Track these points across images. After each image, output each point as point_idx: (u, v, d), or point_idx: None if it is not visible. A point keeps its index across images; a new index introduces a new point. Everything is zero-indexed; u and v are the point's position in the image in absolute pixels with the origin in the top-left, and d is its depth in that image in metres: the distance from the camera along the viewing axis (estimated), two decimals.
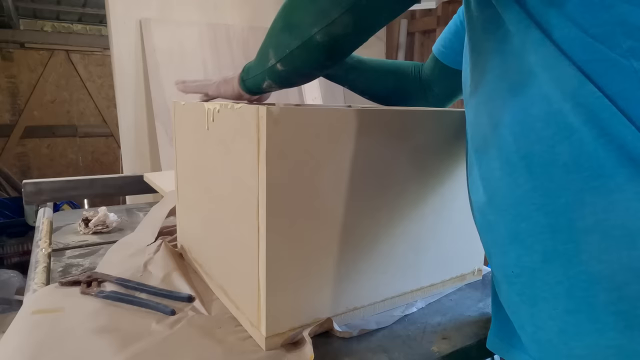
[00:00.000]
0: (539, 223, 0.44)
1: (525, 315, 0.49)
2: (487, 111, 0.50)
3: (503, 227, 0.49)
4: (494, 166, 0.49)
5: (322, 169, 0.56)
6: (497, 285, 0.55)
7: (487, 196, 0.51)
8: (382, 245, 0.65)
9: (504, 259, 0.50)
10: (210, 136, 0.67)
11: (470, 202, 0.59)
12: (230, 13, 2.58)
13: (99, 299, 0.68)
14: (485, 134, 0.50)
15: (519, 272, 0.48)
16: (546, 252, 0.44)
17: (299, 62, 0.54)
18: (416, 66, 0.88)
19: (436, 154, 0.67)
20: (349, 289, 0.63)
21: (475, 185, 0.55)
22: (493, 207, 0.50)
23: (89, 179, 1.26)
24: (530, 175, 0.45)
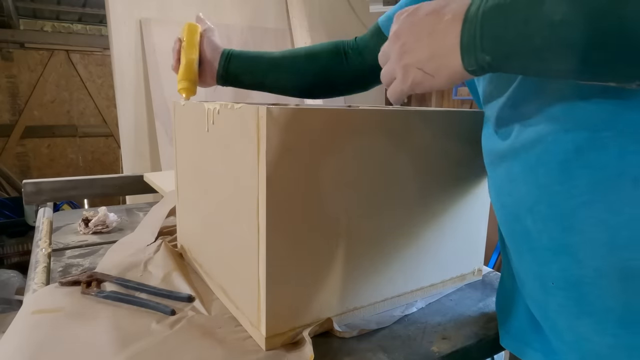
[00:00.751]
0: (595, 238, 0.42)
1: (565, 325, 0.47)
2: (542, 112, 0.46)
3: (547, 237, 0.46)
4: (540, 172, 0.46)
5: (322, 169, 0.56)
6: (526, 289, 0.53)
7: (529, 201, 0.48)
8: (382, 245, 0.65)
9: (543, 268, 0.48)
10: (210, 136, 0.67)
11: (498, 201, 0.55)
12: (230, 13, 2.58)
13: (99, 299, 0.68)
14: (538, 133, 0.47)
15: (563, 285, 0.46)
16: (601, 268, 0.42)
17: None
18: (338, 44, 0.83)
19: (436, 154, 0.67)
20: (349, 289, 0.63)
21: (508, 186, 0.51)
22: (536, 215, 0.47)
23: (89, 179, 1.26)
24: (590, 187, 0.42)
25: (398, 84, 0.48)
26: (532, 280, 0.51)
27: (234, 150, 0.59)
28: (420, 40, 0.44)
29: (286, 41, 2.74)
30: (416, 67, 0.45)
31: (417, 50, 0.44)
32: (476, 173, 0.74)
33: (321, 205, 0.57)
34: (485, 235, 0.80)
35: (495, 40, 0.39)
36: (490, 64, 0.41)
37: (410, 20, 0.45)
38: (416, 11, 0.45)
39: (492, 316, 0.68)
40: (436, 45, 0.43)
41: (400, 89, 0.48)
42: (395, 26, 0.47)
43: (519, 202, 0.50)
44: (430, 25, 0.43)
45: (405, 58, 0.46)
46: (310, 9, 2.85)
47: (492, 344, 0.63)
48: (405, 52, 0.45)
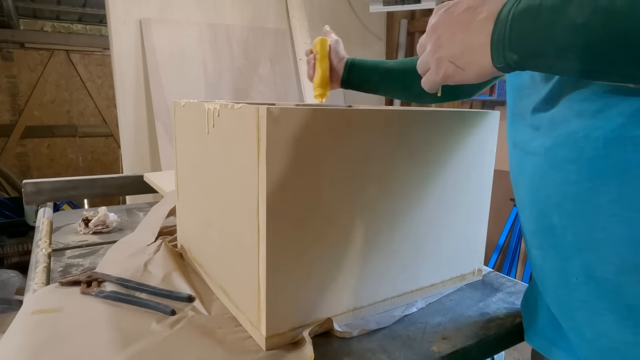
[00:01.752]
0: (619, 235, 0.43)
1: (585, 321, 0.48)
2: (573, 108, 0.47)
3: (572, 233, 0.47)
4: (570, 168, 0.47)
5: (322, 169, 0.56)
6: (546, 286, 0.54)
7: (557, 197, 0.49)
8: (382, 245, 0.65)
9: (566, 264, 0.49)
10: (210, 136, 0.67)
11: (528, 197, 0.56)
12: (230, 13, 2.58)
13: (99, 299, 0.68)
14: (569, 129, 0.47)
15: (586, 280, 0.47)
16: (624, 265, 0.43)
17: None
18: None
19: (436, 154, 0.67)
20: (349, 289, 0.63)
21: (538, 182, 0.52)
22: (562, 211, 0.48)
23: (89, 179, 1.26)
24: (618, 186, 0.43)
25: (431, 74, 0.51)
26: (556, 276, 0.51)
27: (234, 150, 0.59)
28: (454, 35, 0.47)
29: (286, 41, 2.75)
30: (449, 60, 0.48)
31: (451, 44, 0.47)
32: (476, 173, 0.74)
33: (321, 205, 0.57)
34: (485, 235, 0.80)
35: (523, 41, 0.41)
36: (517, 62, 0.43)
37: (448, 15, 0.48)
38: (454, 7, 0.47)
39: (492, 316, 0.68)
40: (469, 41, 0.46)
41: (433, 79, 0.51)
42: (434, 19, 0.50)
43: (547, 198, 0.51)
44: (465, 21, 0.46)
45: (439, 51, 0.48)
46: (310, 9, 2.85)
47: (492, 344, 0.63)
48: (440, 45, 0.48)
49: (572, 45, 0.38)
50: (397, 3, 2.65)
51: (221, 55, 2.51)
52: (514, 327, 0.65)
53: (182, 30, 2.40)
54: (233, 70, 2.54)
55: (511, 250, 2.61)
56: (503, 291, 0.76)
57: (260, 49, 2.65)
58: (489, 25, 0.44)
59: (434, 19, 0.50)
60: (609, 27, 0.36)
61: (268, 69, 2.67)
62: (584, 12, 0.37)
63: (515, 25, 0.42)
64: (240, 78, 2.57)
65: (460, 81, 0.48)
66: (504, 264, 2.62)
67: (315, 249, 0.58)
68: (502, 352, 0.71)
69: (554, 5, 0.39)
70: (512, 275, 2.48)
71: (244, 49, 2.59)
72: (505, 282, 0.80)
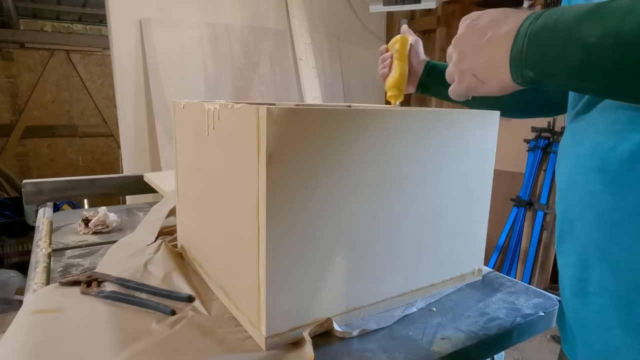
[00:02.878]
0: (634, 252, 0.43)
1: (597, 334, 0.48)
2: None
3: (592, 243, 0.47)
4: (594, 178, 0.46)
5: (321, 169, 0.56)
6: (565, 293, 0.53)
7: (580, 206, 0.48)
8: (382, 245, 0.65)
9: (584, 273, 0.48)
10: (210, 136, 0.67)
11: (560, 202, 0.55)
12: (230, 13, 2.58)
13: (99, 299, 0.68)
14: (598, 140, 0.46)
15: (601, 292, 0.46)
16: (637, 283, 0.43)
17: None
18: None
19: (436, 154, 0.67)
20: (349, 289, 0.63)
21: (566, 189, 0.52)
22: (585, 220, 0.48)
23: (89, 179, 1.26)
24: (637, 200, 0.43)
25: (456, 85, 0.52)
26: (574, 284, 0.51)
27: (234, 150, 0.59)
28: (477, 48, 0.47)
29: (286, 41, 2.75)
30: (471, 73, 0.49)
31: (473, 57, 0.48)
32: (476, 173, 0.74)
33: (321, 205, 0.57)
34: (485, 235, 0.80)
35: (538, 58, 0.42)
36: (533, 79, 0.43)
37: (471, 27, 0.48)
38: (478, 19, 0.48)
39: (492, 316, 0.68)
40: (490, 55, 0.46)
41: (458, 90, 0.52)
42: (460, 30, 0.50)
43: (573, 204, 0.50)
44: (487, 35, 0.46)
45: (462, 63, 0.49)
46: (310, 9, 2.85)
47: (492, 344, 0.63)
48: (463, 58, 0.49)
49: (584, 65, 0.39)
50: (397, 3, 2.65)
51: (221, 55, 2.51)
52: (514, 327, 0.65)
53: (182, 30, 2.40)
54: (233, 70, 2.54)
55: (511, 250, 2.61)
56: (503, 291, 0.76)
57: (260, 49, 2.65)
58: (509, 40, 0.44)
59: (459, 29, 0.50)
60: (618, 50, 0.36)
61: (268, 69, 2.67)
62: (595, 33, 0.37)
63: (532, 42, 0.42)
64: (240, 78, 2.57)
65: (484, 93, 0.49)
66: (504, 264, 2.63)
67: (315, 249, 0.58)
68: (502, 352, 0.71)
69: (568, 24, 0.39)
70: (512, 275, 2.48)
71: (244, 49, 2.59)
72: (505, 282, 0.80)
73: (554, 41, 0.40)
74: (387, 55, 0.89)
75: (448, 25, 3.12)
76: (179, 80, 2.37)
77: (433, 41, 3.19)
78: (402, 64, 0.87)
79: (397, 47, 0.87)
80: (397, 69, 0.86)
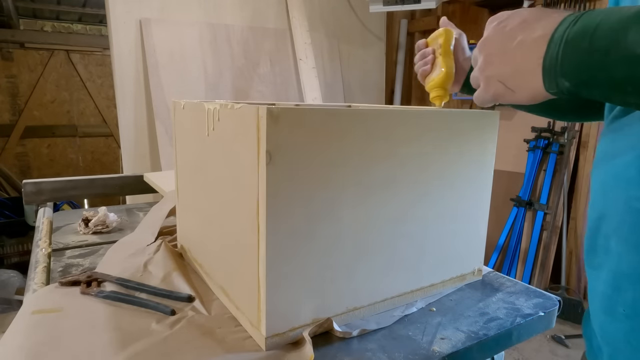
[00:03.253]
0: None
1: (626, 353, 0.45)
2: None
3: (626, 262, 0.43)
4: (635, 194, 0.42)
5: (322, 169, 0.56)
6: (594, 307, 0.50)
7: (615, 220, 0.44)
8: (382, 245, 0.65)
9: (616, 292, 0.45)
10: (210, 136, 0.67)
11: (592, 212, 0.50)
12: (230, 13, 2.58)
13: (99, 299, 0.68)
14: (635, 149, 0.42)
15: (633, 314, 0.43)
16: None
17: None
18: None
19: (436, 154, 0.67)
20: (349, 289, 0.63)
21: (600, 198, 0.48)
22: (620, 235, 0.44)
23: (89, 179, 1.26)
24: None
25: (481, 92, 0.48)
26: (605, 300, 0.48)
27: (234, 150, 0.59)
28: (505, 53, 0.43)
29: (286, 41, 2.75)
30: (498, 79, 0.45)
31: (501, 63, 0.44)
32: (476, 173, 0.74)
33: (321, 205, 0.57)
34: (485, 235, 0.80)
35: (575, 67, 0.38)
36: (570, 89, 0.39)
37: (500, 30, 0.44)
38: (507, 20, 0.43)
39: (492, 316, 0.68)
40: (520, 61, 0.42)
41: (483, 97, 0.48)
42: (486, 33, 0.46)
43: (608, 218, 0.46)
44: (517, 39, 0.42)
45: (488, 69, 0.45)
46: (310, 9, 2.85)
47: (492, 344, 0.63)
48: (490, 63, 0.45)
49: (630, 77, 0.34)
50: (397, 3, 2.65)
51: (221, 55, 2.51)
52: (514, 327, 0.65)
53: (182, 30, 2.40)
54: (233, 70, 2.54)
55: (511, 250, 2.61)
56: (503, 291, 0.76)
57: (260, 49, 2.65)
58: (542, 46, 0.40)
59: (486, 32, 0.46)
60: None
61: (268, 69, 2.67)
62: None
63: (568, 49, 0.38)
64: (240, 78, 2.57)
65: (512, 102, 0.45)
66: (504, 264, 2.63)
67: (315, 249, 0.58)
68: (502, 352, 0.71)
69: (612, 29, 0.35)
70: (512, 275, 2.48)
71: (244, 49, 2.59)
72: (505, 282, 0.80)
73: (595, 48, 0.36)
74: (429, 50, 0.79)
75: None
76: (179, 80, 2.37)
77: None
78: (448, 60, 0.77)
79: (441, 41, 0.78)
80: (444, 66, 0.77)
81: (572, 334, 2.18)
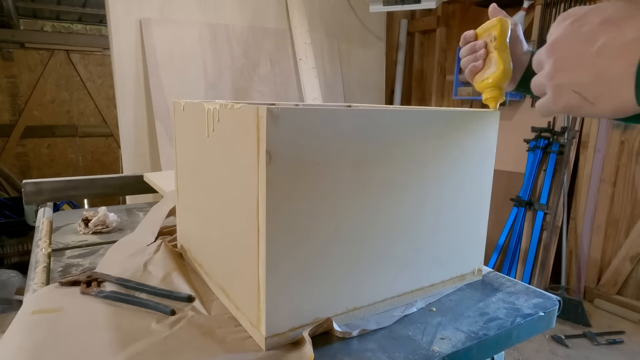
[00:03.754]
0: None
1: None
2: None
3: None
4: None
5: (321, 169, 0.56)
6: None
7: None
8: (382, 245, 0.65)
9: None
10: (210, 136, 0.67)
11: None
12: (230, 13, 2.58)
13: (98, 299, 0.68)
14: None
15: None
16: None
17: None
18: None
19: (436, 154, 0.67)
20: (349, 289, 0.63)
21: None
22: None
23: (89, 179, 1.26)
24: None
25: (548, 102, 0.41)
26: None
27: (234, 150, 0.59)
28: (583, 57, 0.37)
29: (286, 41, 2.75)
30: (573, 89, 0.38)
31: (578, 69, 0.37)
32: (476, 173, 0.74)
33: (321, 205, 0.57)
34: (485, 235, 0.80)
35: None
36: None
37: (575, 29, 0.37)
38: (585, 18, 0.37)
39: (492, 316, 0.68)
40: (603, 67, 0.36)
41: (550, 108, 0.41)
42: (556, 33, 0.39)
43: None
44: (600, 41, 0.36)
45: (560, 76, 0.39)
46: (310, 9, 2.85)
47: (492, 344, 0.63)
48: (562, 69, 0.38)
49: None
50: (397, 3, 2.65)
51: (221, 55, 2.51)
52: (514, 327, 0.65)
53: (182, 30, 2.40)
54: (233, 70, 2.54)
55: (511, 250, 2.61)
56: (503, 291, 0.76)
57: (260, 48, 2.65)
58: (635, 50, 0.33)
59: (555, 32, 0.39)
60: None
61: (268, 69, 2.67)
62: None
63: None
64: (240, 78, 2.57)
65: (589, 115, 0.38)
66: (504, 264, 2.63)
67: (315, 249, 0.58)
68: (502, 352, 0.71)
69: None
70: (512, 275, 2.48)
71: (244, 49, 2.59)
72: (505, 282, 0.80)
73: None
74: (480, 44, 0.69)
75: (448, 25, 3.12)
76: (179, 80, 2.37)
77: (433, 41, 3.20)
78: (505, 55, 0.67)
79: (496, 33, 0.67)
80: (500, 63, 0.67)
81: (572, 334, 2.19)
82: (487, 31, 0.69)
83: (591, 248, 2.52)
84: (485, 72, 0.69)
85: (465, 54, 0.71)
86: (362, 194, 0.61)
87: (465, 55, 0.71)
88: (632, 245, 2.35)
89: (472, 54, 0.70)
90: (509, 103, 2.74)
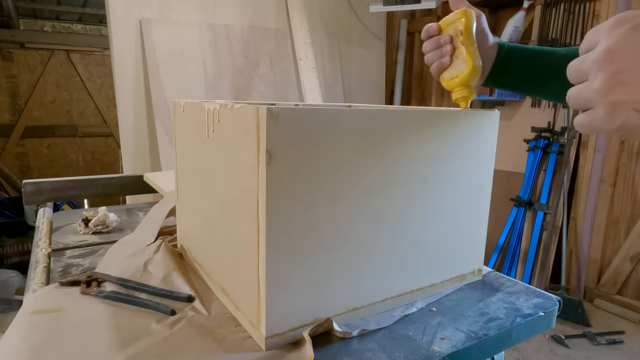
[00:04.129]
0: None
1: None
2: None
3: None
4: None
5: (321, 169, 0.56)
6: None
7: None
8: (382, 245, 0.65)
9: None
10: (210, 136, 0.67)
11: None
12: (230, 13, 2.58)
13: (98, 299, 0.68)
14: None
15: None
16: None
17: None
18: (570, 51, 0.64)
19: (437, 154, 0.67)
20: (349, 289, 0.63)
21: None
22: None
23: (89, 179, 1.26)
24: None
25: (599, 120, 0.35)
26: None
27: (234, 150, 0.59)
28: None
29: (286, 41, 2.75)
30: (634, 107, 0.33)
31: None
32: (476, 173, 0.74)
33: (321, 205, 0.57)
34: (485, 235, 0.80)
35: None
36: None
37: (635, 36, 0.32)
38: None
39: (492, 316, 0.68)
40: None
41: (600, 127, 0.35)
42: (609, 40, 0.34)
43: None
44: None
45: (618, 92, 0.33)
46: (310, 9, 2.85)
47: (492, 344, 0.63)
48: (621, 83, 0.33)
49: None
50: (397, 3, 2.65)
51: (221, 55, 2.51)
52: (514, 327, 0.65)
53: (182, 30, 2.40)
54: (233, 70, 2.54)
55: (511, 250, 2.61)
56: (503, 291, 0.76)
57: (260, 48, 2.65)
58: None
59: (609, 38, 0.33)
60: None
61: (268, 69, 2.67)
62: None
63: None
64: (240, 78, 2.57)
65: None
66: (504, 264, 2.63)
67: (315, 249, 0.58)
68: (502, 352, 0.71)
69: None
70: (512, 275, 2.48)
71: (244, 49, 2.59)
72: (505, 282, 0.80)
73: None
74: (446, 38, 0.64)
75: None
76: (179, 80, 2.37)
77: None
78: (474, 51, 0.63)
79: (462, 27, 0.63)
80: (469, 60, 0.62)
81: (572, 334, 2.19)
82: (452, 24, 0.65)
83: (591, 248, 2.52)
84: (453, 69, 0.65)
85: (429, 49, 0.67)
86: (362, 194, 0.61)
87: (429, 50, 0.67)
88: (632, 245, 2.35)
89: (437, 49, 0.66)
90: (509, 103, 2.74)
